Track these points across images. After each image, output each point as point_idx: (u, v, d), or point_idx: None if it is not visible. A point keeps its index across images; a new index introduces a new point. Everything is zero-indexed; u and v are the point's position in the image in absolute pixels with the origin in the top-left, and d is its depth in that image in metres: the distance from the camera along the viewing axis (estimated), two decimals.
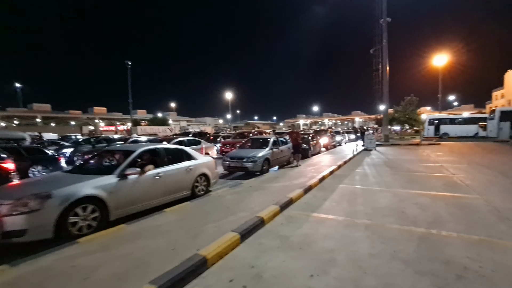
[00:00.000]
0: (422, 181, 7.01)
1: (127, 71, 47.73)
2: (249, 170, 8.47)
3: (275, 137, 10.32)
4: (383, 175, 8.00)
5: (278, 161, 9.85)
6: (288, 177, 7.75)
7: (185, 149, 6.01)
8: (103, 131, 62.68)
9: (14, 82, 63.86)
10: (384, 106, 23.03)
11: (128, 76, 47.90)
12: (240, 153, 9.09)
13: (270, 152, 9.27)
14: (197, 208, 4.81)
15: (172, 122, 75.53)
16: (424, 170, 8.66)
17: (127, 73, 47.38)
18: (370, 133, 18.52)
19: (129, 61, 46.15)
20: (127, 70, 47.50)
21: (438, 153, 13.94)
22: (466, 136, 27.73)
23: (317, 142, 15.68)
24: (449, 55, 33.69)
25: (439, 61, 33.42)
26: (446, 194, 5.63)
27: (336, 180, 7.48)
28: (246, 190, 6.13)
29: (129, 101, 52.90)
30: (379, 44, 25.31)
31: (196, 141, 11.08)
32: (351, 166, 10.15)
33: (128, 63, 48.41)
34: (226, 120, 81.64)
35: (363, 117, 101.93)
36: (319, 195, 5.81)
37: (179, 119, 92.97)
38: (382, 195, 5.69)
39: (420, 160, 11.17)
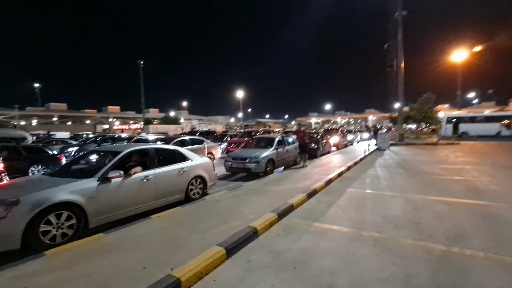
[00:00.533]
0: (440, 186, 6.34)
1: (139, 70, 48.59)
2: (252, 171, 8.02)
3: (280, 136, 9.81)
4: (396, 178, 7.36)
5: (283, 161, 9.35)
6: (292, 179, 7.24)
7: (179, 150, 5.62)
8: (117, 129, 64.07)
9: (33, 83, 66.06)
10: (399, 103, 21.97)
11: (140, 75, 48.72)
12: (243, 153, 8.65)
13: (275, 152, 8.78)
14: (187, 214, 4.40)
15: (183, 121, 76.25)
16: (442, 173, 7.93)
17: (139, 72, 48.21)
18: (384, 132, 17.65)
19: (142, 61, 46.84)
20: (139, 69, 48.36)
21: (457, 153, 13.00)
22: (488, 136, 26.16)
23: (327, 141, 15.03)
24: (469, 50, 31.90)
25: (459, 56, 31.72)
26: (469, 202, 4.97)
27: (344, 183, 6.91)
28: (244, 193, 5.68)
29: (141, 100, 53.73)
30: (393, 39, 24.20)
31: (198, 141, 10.73)
32: (362, 167, 9.51)
33: (140, 62, 49.22)
34: (237, 118, 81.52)
35: (377, 115, 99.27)
36: (324, 201, 5.28)
37: (190, 118, 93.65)
38: (394, 202, 5.10)
39: (438, 161, 10.37)
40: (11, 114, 55.54)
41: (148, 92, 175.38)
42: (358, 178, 7.45)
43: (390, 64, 24.58)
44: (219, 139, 17.89)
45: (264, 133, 16.46)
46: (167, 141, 10.42)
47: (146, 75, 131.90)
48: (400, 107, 21.98)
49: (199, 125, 71.30)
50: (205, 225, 3.84)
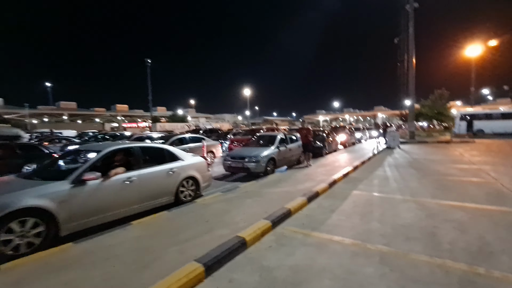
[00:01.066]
0: (457, 188, 5.74)
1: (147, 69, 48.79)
2: (251, 171, 7.57)
3: (283, 134, 9.31)
4: (407, 180, 6.77)
5: (286, 160, 8.86)
6: (293, 180, 6.75)
7: (169, 149, 5.21)
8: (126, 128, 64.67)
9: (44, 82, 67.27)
10: (410, 100, 21.08)
11: (147, 73, 48.93)
12: (242, 152, 8.20)
13: (276, 151, 8.30)
14: (171, 220, 3.99)
15: (190, 119, 76.45)
16: (457, 174, 7.29)
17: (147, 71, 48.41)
18: (393, 130, 16.89)
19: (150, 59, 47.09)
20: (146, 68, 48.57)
21: (472, 152, 12.20)
22: (505, 134, 24.91)
23: (333, 139, 14.44)
24: (484, 45, 30.46)
25: (473, 51, 30.36)
26: (491, 208, 4.39)
27: (350, 184, 6.38)
28: (239, 196, 5.23)
29: (148, 98, 54.01)
30: (404, 32, 23.22)
31: (198, 139, 10.34)
32: (369, 167, 8.93)
33: (148, 61, 49.41)
34: (245, 117, 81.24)
35: (387, 112, 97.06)
36: (326, 205, 4.78)
37: (198, 116, 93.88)
38: (405, 207, 4.56)
39: (452, 161, 9.67)
40: (21, 113, 56.72)
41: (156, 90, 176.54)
42: (365, 179, 6.90)
43: (401, 59, 23.66)
44: (222, 137, 17.53)
45: (268, 131, 15.97)
46: (167, 139, 10.08)
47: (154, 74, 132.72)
48: (411, 103, 21.08)
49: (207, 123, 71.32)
50: (188, 233, 3.42)
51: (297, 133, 9.78)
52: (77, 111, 74.94)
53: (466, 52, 31.25)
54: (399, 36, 23.89)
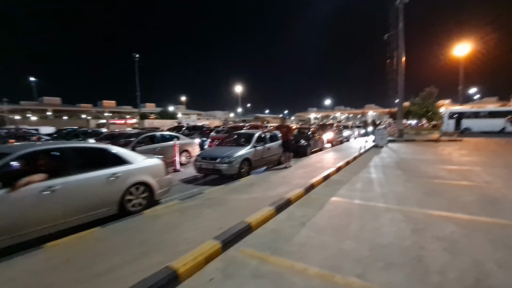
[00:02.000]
0: (447, 194, 5.13)
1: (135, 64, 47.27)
2: (223, 173, 6.82)
3: (261, 132, 8.57)
4: (393, 183, 6.15)
5: (264, 161, 8.14)
6: (267, 183, 6.03)
7: (112, 150, 4.38)
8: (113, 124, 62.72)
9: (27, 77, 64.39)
10: (399, 97, 20.67)
11: (135, 69, 47.41)
12: (214, 152, 7.43)
13: (252, 150, 7.56)
14: (98, 241, 3.19)
15: (181, 116, 74.97)
16: (447, 176, 6.72)
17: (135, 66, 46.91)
18: (381, 128, 16.40)
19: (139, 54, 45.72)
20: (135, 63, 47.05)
21: (461, 151, 11.78)
22: (492, 132, 24.94)
23: (319, 137, 13.82)
24: (472, 44, 30.48)
25: (461, 50, 30.32)
26: (485, 220, 3.77)
27: (330, 189, 5.70)
28: (198, 205, 4.47)
29: (136, 94, 52.58)
30: (394, 28, 22.78)
31: (170, 137, 9.48)
32: (354, 167, 8.30)
33: (136, 55, 47.88)
34: (237, 114, 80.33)
35: (377, 110, 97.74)
36: (298, 216, 4.08)
37: (188, 113, 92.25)
38: (388, 218, 3.90)
39: (441, 161, 9.16)
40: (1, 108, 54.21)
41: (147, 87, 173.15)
42: (347, 183, 6.25)
43: (390, 55, 23.24)
44: (206, 134, 16.66)
45: (251, 128, 15.22)
46: (137, 136, 9.18)
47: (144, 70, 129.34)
48: (400, 101, 20.67)
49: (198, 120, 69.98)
50: (109, 262, 2.64)
51: (278, 131, 9.05)
52: (61, 107, 72.35)
53: (454, 51, 31.22)
54: (389, 32, 23.45)
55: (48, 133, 22.60)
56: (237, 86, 62.56)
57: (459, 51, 30.70)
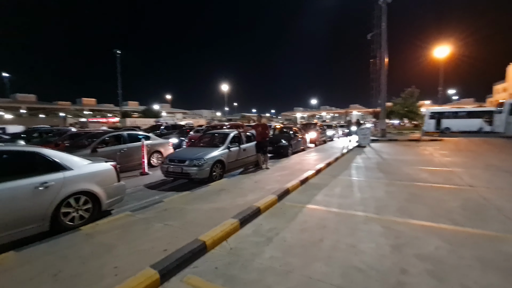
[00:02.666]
0: (430, 199, 4.76)
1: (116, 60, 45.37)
2: (192, 178, 6.19)
3: (237, 132, 7.98)
4: (374, 187, 5.74)
5: (239, 163, 7.56)
6: (238, 189, 5.46)
7: (43, 153, 3.65)
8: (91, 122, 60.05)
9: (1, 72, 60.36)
10: (382, 97, 20.67)
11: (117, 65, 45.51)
12: (183, 154, 6.78)
13: (226, 152, 6.97)
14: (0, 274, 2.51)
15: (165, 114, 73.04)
16: (429, 178, 6.41)
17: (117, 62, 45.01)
18: (364, 128, 16.23)
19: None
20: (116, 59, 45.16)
21: (442, 151, 11.70)
22: (469, 131, 25.59)
23: (302, 137, 13.40)
24: (450, 47, 31.30)
25: (440, 52, 31.04)
26: (473, 232, 3.37)
27: (306, 195, 5.21)
28: (149, 218, 3.82)
29: (118, 91, 50.58)
30: (377, 28, 22.82)
31: (138, 137, 8.70)
32: (335, 169, 7.89)
33: (117, 52, 46.00)
34: (224, 112, 79.32)
35: (361, 110, 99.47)
36: (265, 230, 3.54)
37: (173, 111, 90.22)
38: (366, 231, 3.43)
39: (423, 162, 8.93)
40: None
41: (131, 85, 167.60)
42: (326, 187, 5.79)
43: (373, 55, 23.27)
44: (187, 134, 15.87)
45: (232, 127, 14.59)
46: (99, 136, 8.34)
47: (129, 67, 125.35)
48: (383, 100, 20.68)
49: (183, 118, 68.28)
50: None
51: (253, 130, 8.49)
52: (36, 104, 68.59)
53: (434, 53, 31.93)
54: (372, 31, 23.47)
55: (14, 132, 20.97)
56: (223, 85, 61.63)
57: (439, 53, 31.41)
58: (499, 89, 68.89)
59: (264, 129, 7.48)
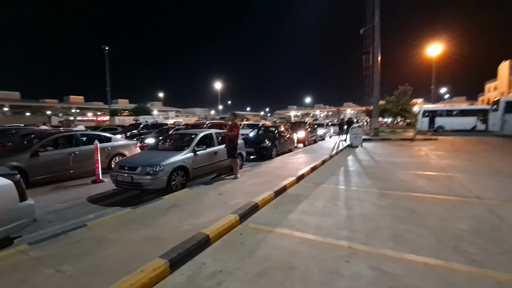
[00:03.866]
0: (432, 218, 3.77)
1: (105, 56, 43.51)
2: (145, 188, 5.10)
3: (209, 132, 6.90)
4: (363, 199, 4.75)
5: (209, 168, 6.48)
6: (195, 205, 4.38)
7: None
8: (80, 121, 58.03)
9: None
10: (375, 94, 19.81)
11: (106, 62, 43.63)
12: (136, 159, 5.68)
13: (191, 156, 5.88)
14: None
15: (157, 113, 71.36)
16: (428, 187, 5.45)
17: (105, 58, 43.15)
18: (356, 126, 15.31)
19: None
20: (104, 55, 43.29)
21: (438, 152, 10.84)
22: (463, 130, 25.00)
23: (289, 137, 12.38)
24: (442, 45, 30.80)
25: (433, 51, 30.49)
26: (496, 276, 2.38)
27: (278, 211, 4.18)
28: (41, 260, 2.70)
29: (106, 89, 48.78)
30: (370, 22, 21.90)
31: (95, 137, 7.53)
32: (320, 175, 6.89)
33: (106, 48, 44.16)
34: (217, 111, 78.03)
35: (355, 108, 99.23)
36: (204, 276, 2.47)
37: (165, 110, 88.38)
38: (348, 278, 2.40)
39: (418, 165, 8.00)
40: None
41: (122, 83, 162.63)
42: (306, 199, 4.77)
43: (366, 50, 22.36)
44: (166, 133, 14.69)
45: (213, 126, 13.50)
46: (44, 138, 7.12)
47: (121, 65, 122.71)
48: (376, 98, 19.82)
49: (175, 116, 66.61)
50: None
51: None
52: (20, 102, 65.89)
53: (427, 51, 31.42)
54: (365, 26, 22.55)
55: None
56: (217, 83, 60.21)
57: (431, 52, 30.87)
58: (490, 87, 69.29)
59: (234, 127, 6.35)
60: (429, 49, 31.02)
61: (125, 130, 16.12)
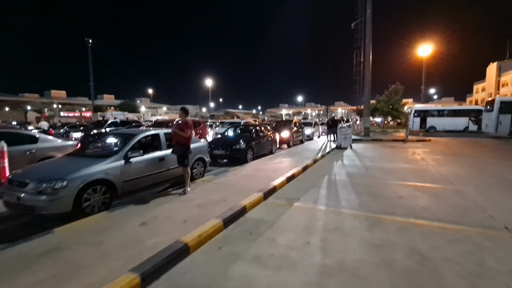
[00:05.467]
0: (451, 276, 2.38)
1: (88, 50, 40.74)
2: (38, 214, 3.54)
3: (152, 132, 5.35)
4: (348, 232, 3.32)
5: (151, 179, 4.93)
6: (88, 248, 2.86)
7: None
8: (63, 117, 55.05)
9: None
10: (366, 91, 18.57)
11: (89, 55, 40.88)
12: (32, 171, 4.09)
13: (119, 165, 4.32)
14: None
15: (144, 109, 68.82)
16: (433, 209, 4.09)
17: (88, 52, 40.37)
18: (345, 126, 14.00)
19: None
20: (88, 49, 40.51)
21: (435, 155, 9.63)
22: (455, 131, 24.21)
23: (270, 137, 10.93)
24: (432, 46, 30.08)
25: (423, 51, 29.71)
26: None
27: (220, 257, 2.72)
28: None
29: (90, 84, 46.07)
30: (361, 16, 20.66)
31: (16, 138, 5.87)
32: (296, 187, 5.46)
33: (89, 40, 41.44)
34: (209, 108, 76.06)
35: (346, 108, 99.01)
36: None
37: (154, 106, 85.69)
38: None
39: (416, 174, 6.69)
40: None
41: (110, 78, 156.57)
42: (266, 232, 3.31)
43: (357, 45, 21.16)
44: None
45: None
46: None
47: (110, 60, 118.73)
48: (367, 95, 18.58)
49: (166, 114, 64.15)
50: None
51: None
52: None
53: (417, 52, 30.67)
54: (356, 20, 21.32)
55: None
56: (208, 80, 58.13)
57: (421, 52, 30.12)
58: (478, 88, 69.86)
59: (182, 129, 4.81)
60: (419, 49, 30.32)
61: (86, 129, 14.29)
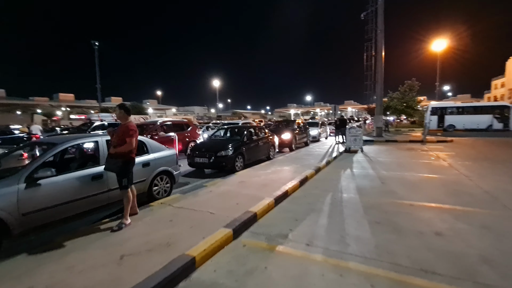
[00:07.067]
0: None
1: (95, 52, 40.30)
2: None
3: (89, 139, 3.99)
4: None
5: (77, 207, 3.56)
6: None
7: None
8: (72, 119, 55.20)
9: None
10: (378, 87, 16.80)
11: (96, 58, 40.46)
12: None
13: (13, 191, 2.95)
14: None
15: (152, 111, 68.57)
16: (499, 266, 2.55)
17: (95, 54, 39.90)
18: (355, 126, 12.37)
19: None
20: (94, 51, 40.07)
21: (464, 161, 7.92)
22: (477, 129, 22.04)
23: (267, 140, 9.48)
24: (447, 41, 27.94)
25: (437, 47, 27.59)
26: None
27: None
28: None
29: (97, 86, 45.72)
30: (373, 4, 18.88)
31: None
32: (285, 214, 3.97)
33: (95, 43, 41.03)
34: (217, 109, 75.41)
35: (356, 107, 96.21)
36: None
37: (161, 108, 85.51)
38: None
39: (449, 189, 5.06)
40: None
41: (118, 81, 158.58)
42: None
43: (368, 37, 19.38)
44: None
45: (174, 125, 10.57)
46: None
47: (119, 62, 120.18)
48: (379, 92, 16.81)
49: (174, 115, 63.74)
50: None
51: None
52: (5, 100, 62.88)
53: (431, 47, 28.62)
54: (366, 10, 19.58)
55: None
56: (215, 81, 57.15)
57: (435, 48, 28.03)
58: (497, 84, 66.15)
59: (119, 137, 3.40)
60: (433, 45, 28.30)
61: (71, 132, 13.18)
